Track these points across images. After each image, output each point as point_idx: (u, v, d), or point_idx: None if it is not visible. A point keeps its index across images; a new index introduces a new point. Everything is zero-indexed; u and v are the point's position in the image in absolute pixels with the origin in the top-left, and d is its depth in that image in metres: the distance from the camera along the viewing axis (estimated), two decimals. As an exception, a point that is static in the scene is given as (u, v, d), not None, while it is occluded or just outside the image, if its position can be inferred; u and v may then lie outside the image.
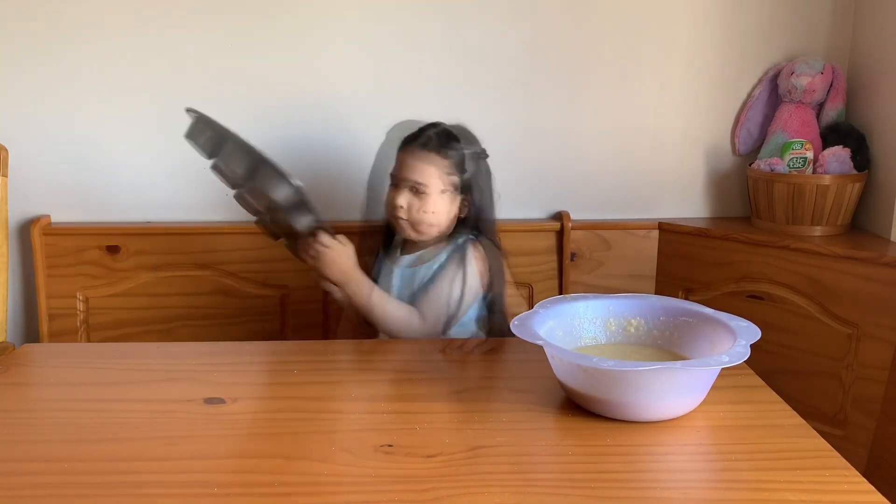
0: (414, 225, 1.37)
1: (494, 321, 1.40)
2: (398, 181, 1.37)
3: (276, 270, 1.77)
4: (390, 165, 1.40)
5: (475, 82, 1.79)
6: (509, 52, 1.78)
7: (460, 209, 1.39)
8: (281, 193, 1.20)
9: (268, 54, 1.74)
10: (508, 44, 1.78)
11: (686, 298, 1.61)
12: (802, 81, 1.72)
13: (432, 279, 1.37)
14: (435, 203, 1.35)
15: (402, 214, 1.36)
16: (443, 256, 1.39)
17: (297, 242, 1.33)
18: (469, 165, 1.37)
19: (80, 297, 1.75)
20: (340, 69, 1.76)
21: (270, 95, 1.76)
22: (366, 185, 1.49)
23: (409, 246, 1.44)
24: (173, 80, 1.74)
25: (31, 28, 1.69)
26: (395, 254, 1.45)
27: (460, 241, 1.40)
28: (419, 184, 1.35)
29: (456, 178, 1.37)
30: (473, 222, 1.40)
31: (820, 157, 1.69)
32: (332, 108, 1.78)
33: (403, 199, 1.36)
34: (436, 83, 1.79)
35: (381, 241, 1.47)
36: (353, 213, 1.82)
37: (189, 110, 1.25)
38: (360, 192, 1.82)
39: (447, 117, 1.63)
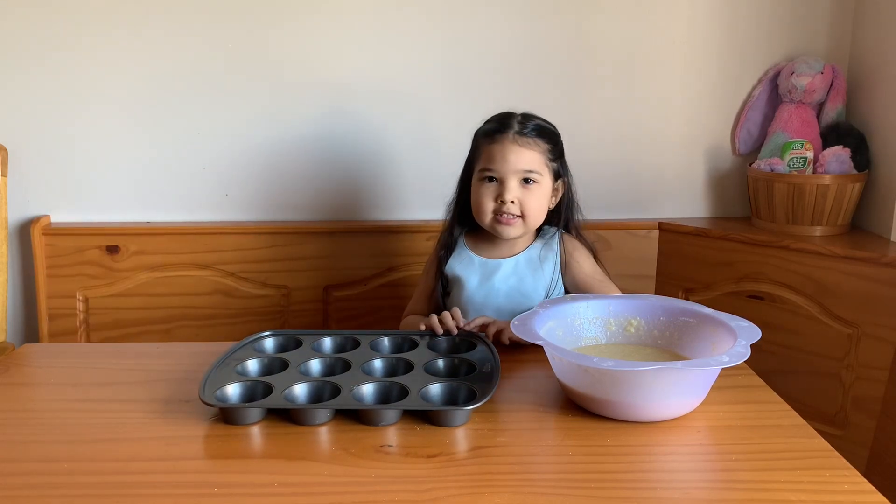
0: (525, 218, 1.27)
1: None
2: (501, 175, 1.26)
3: (276, 270, 1.77)
4: (479, 161, 1.30)
5: (475, 82, 1.79)
6: (510, 52, 1.78)
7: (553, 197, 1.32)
8: None
9: (270, 51, 1.75)
10: (509, 44, 1.78)
11: (686, 298, 1.61)
12: (802, 81, 1.72)
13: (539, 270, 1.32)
14: (544, 191, 1.28)
15: (515, 210, 1.26)
16: (538, 245, 1.34)
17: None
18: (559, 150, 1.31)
19: (80, 297, 1.75)
20: (345, 66, 1.76)
21: (272, 93, 1.76)
22: (457, 185, 1.38)
23: (492, 239, 1.34)
24: (174, 80, 1.74)
25: (30, 28, 1.69)
26: (481, 247, 1.36)
27: (548, 235, 1.35)
28: (531, 172, 1.26)
29: (556, 165, 1.31)
30: (564, 212, 1.34)
31: (820, 157, 1.69)
32: (336, 105, 1.78)
33: (513, 193, 1.26)
34: (436, 83, 1.79)
35: (452, 240, 1.38)
36: (357, 213, 1.84)
37: None
38: (363, 190, 1.83)
39: (446, 117, 1.64)
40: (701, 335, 1.06)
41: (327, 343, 1.17)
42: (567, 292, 1.36)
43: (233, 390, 1.00)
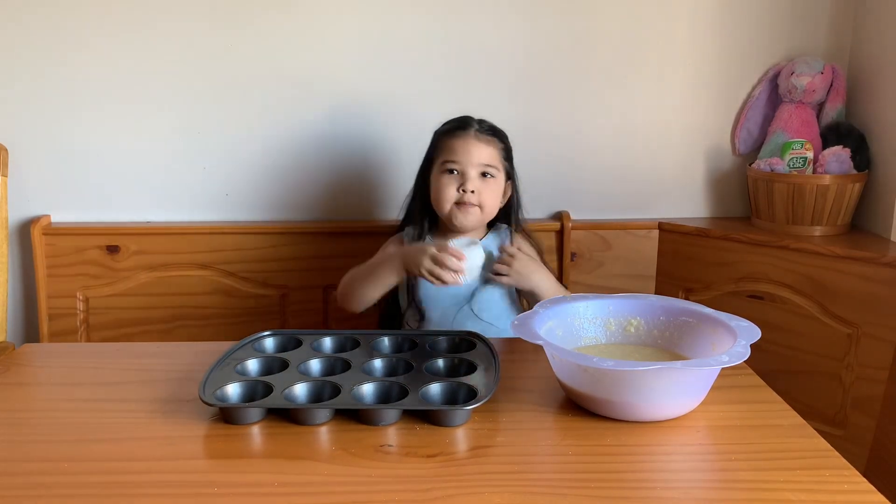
0: (482, 208, 1.37)
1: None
2: (462, 167, 1.36)
3: (276, 270, 1.77)
4: (440, 155, 1.40)
5: (476, 82, 1.79)
6: (510, 51, 1.78)
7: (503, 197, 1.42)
8: None
9: (267, 53, 1.74)
10: (509, 44, 1.78)
11: (686, 298, 1.61)
12: (802, 81, 1.72)
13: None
14: (499, 186, 1.39)
15: (474, 200, 1.36)
16: (490, 238, 1.43)
17: None
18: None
19: (80, 297, 1.75)
20: (344, 67, 1.76)
21: (272, 94, 1.76)
22: (416, 181, 1.49)
23: (447, 232, 1.43)
24: (174, 80, 1.74)
25: (30, 29, 1.69)
26: (437, 238, 1.43)
27: (502, 230, 1.44)
28: (489, 166, 1.37)
29: (508, 165, 1.42)
30: (508, 212, 1.44)
31: (820, 157, 1.69)
32: (336, 106, 1.78)
33: (474, 183, 1.36)
34: (436, 83, 1.79)
35: (423, 228, 1.45)
36: (357, 213, 1.84)
37: None
38: (363, 190, 1.83)
39: (446, 117, 1.63)
40: (701, 335, 1.06)
41: (327, 343, 1.17)
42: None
43: (233, 390, 1.00)
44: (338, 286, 1.44)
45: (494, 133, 1.41)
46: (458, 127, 1.40)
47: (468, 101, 1.78)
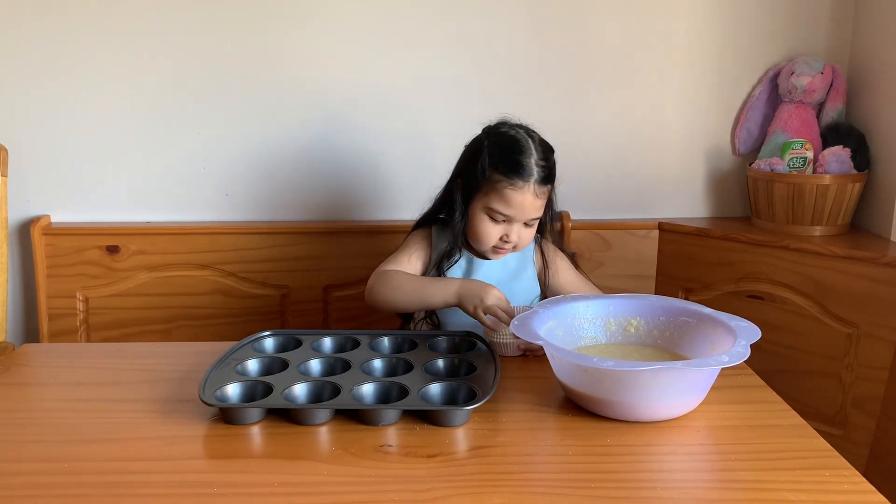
0: (518, 247, 1.34)
1: None
2: (510, 220, 1.29)
3: (276, 270, 1.77)
4: (490, 197, 1.29)
5: (476, 83, 1.79)
6: (510, 52, 1.78)
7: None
8: None
9: (270, 52, 1.74)
10: (509, 44, 1.78)
11: (686, 298, 1.61)
12: (802, 81, 1.72)
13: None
14: (537, 224, 1.34)
15: (512, 246, 1.32)
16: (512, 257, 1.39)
17: None
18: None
19: (80, 297, 1.75)
20: (343, 67, 1.76)
21: (272, 94, 1.76)
22: (447, 182, 1.39)
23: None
24: (174, 81, 1.74)
25: (30, 28, 1.69)
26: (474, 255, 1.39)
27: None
28: (535, 219, 1.32)
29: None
30: (549, 222, 1.40)
31: (820, 156, 1.69)
32: (335, 106, 1.78)
33: (517, 234, 1.31)
34: (436, 83, 1.78)
35: (457, 243, 1.37)
36: (356, 213, 1.84)
37: None
38: (362, 190, 1.83)
39: (445, 118, 1.64)
40: (701, 335, 1.06)
41: (327, 343, 1.17)
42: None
43: (233, 390, 1.00)
44: (368, 280, 1.34)
45: (550, 179, 1.31)
46: (517, 173, 1.27)
47: (469, 101, 1.78)
